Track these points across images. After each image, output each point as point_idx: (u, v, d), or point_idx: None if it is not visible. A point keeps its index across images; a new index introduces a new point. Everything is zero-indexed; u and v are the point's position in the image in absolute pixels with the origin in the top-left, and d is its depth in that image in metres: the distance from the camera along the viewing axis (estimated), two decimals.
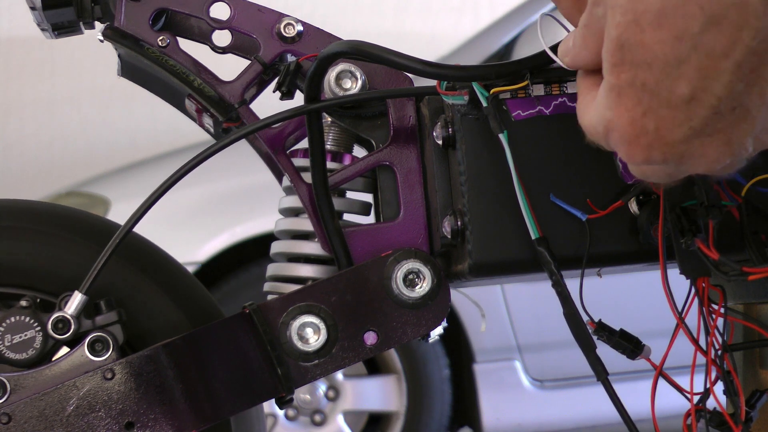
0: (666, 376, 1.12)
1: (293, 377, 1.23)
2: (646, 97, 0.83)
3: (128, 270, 1.31)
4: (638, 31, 0.82)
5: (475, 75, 1.12)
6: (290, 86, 1.25)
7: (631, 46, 0.83)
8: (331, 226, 1.24)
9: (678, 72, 0.82)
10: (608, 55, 0.85)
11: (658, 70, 0.82)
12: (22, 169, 6.40)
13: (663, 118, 0.83)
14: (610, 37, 0.84)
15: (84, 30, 1.37)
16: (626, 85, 0.84)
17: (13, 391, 1.22)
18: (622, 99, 0.84)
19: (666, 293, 1.07)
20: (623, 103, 0.85)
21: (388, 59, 1.14)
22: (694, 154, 0.85)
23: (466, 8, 6.68)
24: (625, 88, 0.84)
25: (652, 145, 0.85)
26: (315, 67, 1.19)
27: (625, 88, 0.84)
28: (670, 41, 0.81)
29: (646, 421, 1.20)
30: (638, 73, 0.83)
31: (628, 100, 0.84)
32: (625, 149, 0.86)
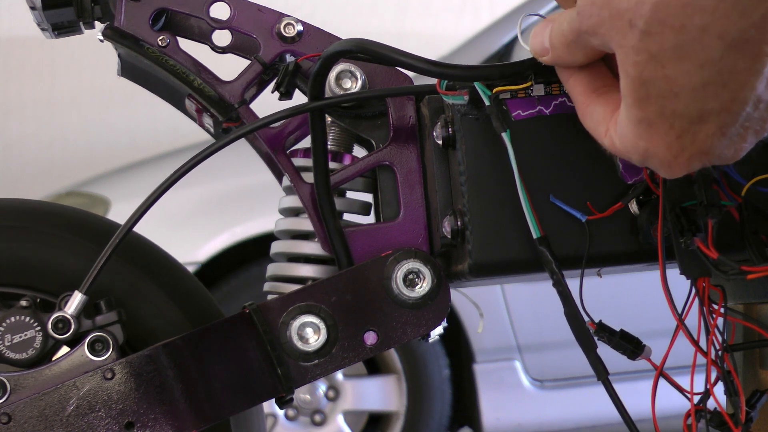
0: (666, 377, 1.12)
1: (293, 377, 1.23)
2: (677, 121, 0.86)
3: (128, 270, 1.31)
4: (659, 67, 0.84)
5: (480, 75, 1.12)
6: (289, 86, 1.25)
7: (655, 81, 0.85)
8: (332, 225, 1.24)
9: (705, 93, 0.84)
10: (631, 91, 0.87)
11: (685, 96, 0.84)
12: (22, 169, 6.40)
13: (698, 133, 0.86)
14: (629, 76, 0.86)
15: (84, 30, 1.37)
16: (655, 116, 0.86)
17: (13, 391, 1.22)
18: (654, 129, 0.87)
19: (665, 294, 1.07)
20: (656, 132, 0.87)
21: (392, 58, 1.14)
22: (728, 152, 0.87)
23: (466, 8, 6.69)
24: (654, 119, 0.86)
25: (691, 159, 0.87)
26: (319, 65, 1.19)
27: (655, 118, 0.86)
28: (694, 70, 0.83)
29: (647, 421, 1.20)
30: (666, 103, 0.85)
31: (661, 129, 0.87)
32: (666, 170, 0.89)
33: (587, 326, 1.12)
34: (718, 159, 0.88)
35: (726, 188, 1.06)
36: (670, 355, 1.11)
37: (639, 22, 0.84)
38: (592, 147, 1.15)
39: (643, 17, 0.84)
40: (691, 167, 0.88)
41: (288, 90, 1.25)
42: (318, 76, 1.20)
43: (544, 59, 0.97)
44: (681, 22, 0.82)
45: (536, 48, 0.98)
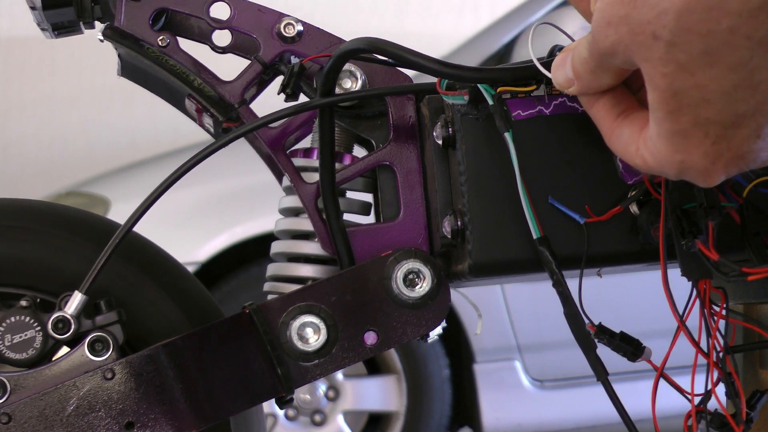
0: (667, 378, 1.12)
1: (293, 377, 1.23)
2: (712, 128, 0.84)
3: (128, 270, 1.31)
4: (688, 76, 0.83)
5: (492, 77, 1.12)
6: (295, 88, 1.25)
7: (686, 91, 0.84)
8: (335, 225, 1.24)
9: (737, 96, 0.83)
10: (662, 104, 0.85)
11: (717, 102, 0.83)
12: (22, 169, 6.40)
13: (733, 138, 0.85)
14: (658, 89, 0.85)
15: (84, 30, 1.37)
16: (690, 126, 0.85)
17: (13, 391, 1.22)
18: (690, 139, 0.86)
19: (667, 295, 1.07)
20: (691, 142, 0.86)
21: (405, 58, 1.14)
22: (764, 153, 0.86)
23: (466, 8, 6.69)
24: (689, 129, 0.85)
25: (729, 164, 0.86)
26: (332, 63, 1.19)
27: (689, 128, 0.85)
28: (724, 74, 0.82)
29: (647, 421, 1.20)
30: (699, 111, 0.84)
31: (696, 138, 0.85)
32: (704, 179, 0.88)
33: (587, 327, 1.11)
34: (754, 162, 0.87)
35: (727, 190, 1.06)
36: (670, 355, 1.11)
37: (663, 33, 0.83)
38: (591, 147, 1.15)
39: (667, 27, 0.83)
40: (728, 173, 0.87)
41: (294, 91, 1.25)
42: (330, 73, 1.20)
43: (571, 90, 0.96)
44: (708, 27, 0.81)
45: (561, 81, 0.96)
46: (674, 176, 0.89)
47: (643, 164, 0.91)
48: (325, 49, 1.30)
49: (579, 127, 1.15)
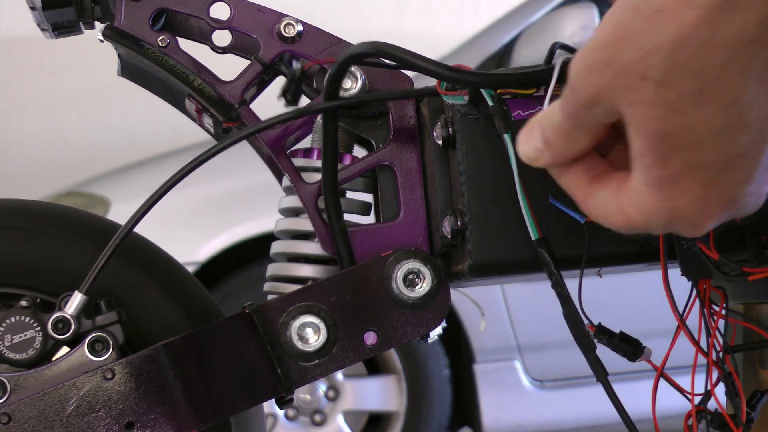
0: (667, 377, 1.12)
1: (293, 377, 1.23)
2: (703, 171, 0.80)
3: (128, 270, 1.31)
4: (679, 116, 0.79)
5: (500, 82, 1.12)
6: (295, 93, 1.25)
7: (677, 133, 0.80)
8: (336, 225, 1.24)
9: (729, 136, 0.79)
10: (650, 150, 0.81)
11: (710, 143, 0.79)
12: (22, 169, 6.40)
13: (724, 183, 0.81)
14: (646, 134, 0.81)
15: (84, 30, 1.37)
16: (681, 171, 0.81)
17: (13, 391, 1.22)
18: (680, 184, 0.81)
19: (667, 294, 1.07)
20: (682, 188, 0.81)
21: (411, 62, 1.14)
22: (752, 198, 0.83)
23: (466, 8, 6.69)
24: (680, 174, 0.81)
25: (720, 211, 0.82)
26: (338, 66, 1.19)
27: (680, 173, 0.81)
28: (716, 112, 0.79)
29: (647, 421, 1.20)
30: (691, 154, 0.80)
31: (687, 183, 0.81)
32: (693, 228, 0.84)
33: (586, 327, 1.12)
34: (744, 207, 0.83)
35: None
36: (670, 355, 1.11)
37: (653, 73, 0.79)
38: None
39: (657, 66, 0.79)
40: (719, 220, 0.83)
41: (294, 97, 1.25)
42: (335, 77, 1.20)
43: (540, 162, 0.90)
44: (700, 63, 0.78)
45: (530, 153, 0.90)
46: (661, 227, 0.84)
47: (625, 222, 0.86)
48: (325, 49, 1.30)
49: None
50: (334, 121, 1.23)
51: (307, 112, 1.24)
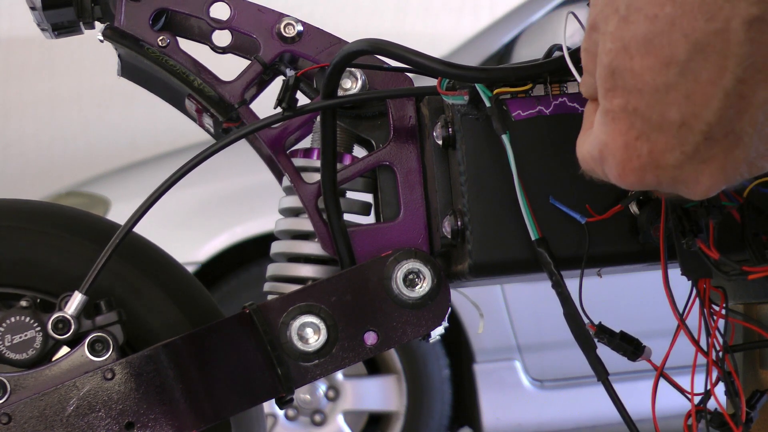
0: (667, 377, 1.12)
1: (293, 377, 1.23)
2: (638, 121, 0.84)
3: (128, 270, 1.31)
4: (628, 58, 0.84)
5: (497, 77, 1.12)
6: (291, 101, 1.25)
7: (622, 73, 0.84)
8: (336, 225, 1.24)
9: (668, 98, 0.83)
10: (601, 81, 0.86)
11: (648, 95, 0.83)
12: (22, 169, 6.40)
13: (655, 143, 0.84)
14: (602, 64, 0.86)
15: (84, 30, 1.37)
16: (619, 110, 0.85)
17: (13, 392, 1.22)
18: (616, 123, 0.86)
19: (667, 294, 1.07)
20: (617, 127, 0.86)
21: (408, 58, 1.14)
22: (688, 180, 0.86)
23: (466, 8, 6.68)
24: (618, 113, 0.85)
25: (645, 168, 0.86)
26: (335, 64, 1.19)
27: (618, 113, 0.85)
28: (658, 68, 0.83)
29: (647, 421, 1.20)
30: (630, 98, 0.84)
31: (622, 125, 0.85)
32: (618, 172, 0.87)
33: (587, 327, 1.12)
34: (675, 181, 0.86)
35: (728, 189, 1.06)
36: (669, 355, 1.11)
37: (621, 7, 0.84)
38: None
39: (625, 2, 0.83)
40: (642, 178, 0.86)
41: (290, 105, 1.25)
42: (333, 75, 1.20)
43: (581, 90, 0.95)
44: (654, 11, 0.82)
45: None
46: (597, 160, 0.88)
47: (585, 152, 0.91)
48: (325, 49, 1.30)
49: (579, 126, 1.15)
50: (332, 121, 1.23)
51: (305, 111, 1.24)
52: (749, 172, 0.85)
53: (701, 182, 0.85)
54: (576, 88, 1.15)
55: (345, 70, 1.23)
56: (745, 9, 0.79)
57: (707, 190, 0.86)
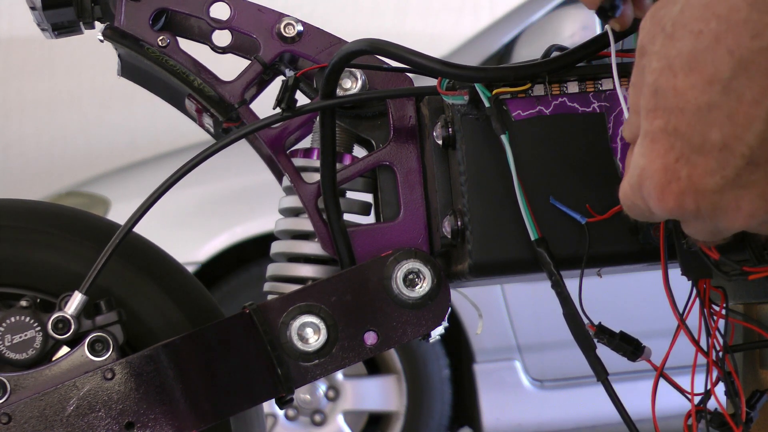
0: (667, 377, 1.12)
1: (293, 377, 1.23)
2: (679, 143, 0.82)
3: (128, 270, 1.31)
4: (671, 76, 0.82)
5: (495, 76, 1.12)
6: (290, 102, 1.25)
7: (664, 92, 0.82)
8: (336, 225, 1.24)
9: (710, 118, 0.81)
10: (644, 101, 0.84)
11: (690, 115, 0.81)
12: (22, 169, 6.40)
13: (695, 165, 0.82)
14: (646, 84, 0.84)
15: (84, 30, 1.37)
16: (659, 131, 0.83)
17: (13, 391, 1.22)
18: (655, 145, 0.83)
19: (667, 294, 1.07)
20: (656, 149, 0.83)
21: (406, 58, 1.14)
22: (728, 207, 0.83)
23: (466, 8, 6.69)
24: (658, 134, 0.83)
25: (684, 192, 0.83)
26: (334, 64, 1.19)
27: (658, 133, 0.83)
28: (701, 86, 0.80)
29: (646, 421, 1.20)
30: (671, 118, 0.82)
31: (661, 146, 0.83)
32: (658, 196, 0.84)
33: (586, 327, 1.12)
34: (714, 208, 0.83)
35: None
36: (669, 355, 1.11)
37: (667, 25, 0.82)
38: (591, 147, 1.15)
39: (671, 20, 0.82)
40: (682, 203, 0.83)
41: (289, 106, 1.25)
42: (332, 74, 1.20)
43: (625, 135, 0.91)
44: (699, 26, 0.80)
45: None
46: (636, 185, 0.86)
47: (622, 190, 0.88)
48: (325, 49, 1.30)
49: (579, 127, 1.15)
50: (331, 121, 1.23)
51: (304, 112, 1.24)
52: None
53: (742, 209, 0.83)
54: (576, 87, 1.15)
55: (344, 70, 1.23)
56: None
57: (747, 219, 0.83)
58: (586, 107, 1.15)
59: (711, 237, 0.88)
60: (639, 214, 0.89)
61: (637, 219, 0.90)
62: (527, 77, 1.13)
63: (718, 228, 0.86)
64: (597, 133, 1.15)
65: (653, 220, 0.90)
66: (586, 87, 1.15)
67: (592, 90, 1.15)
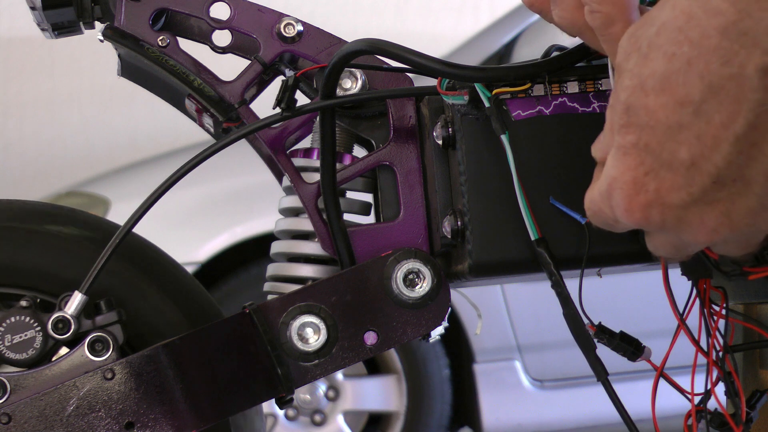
0: (667, 377, 1.12)
1: (293, 377, 1.23)
2: (649, 158, 0.85)
3: (128, 270, 1.31)
4: (643, 95, 0.84)
5: (495, 76, 1.12)
6: (289, 102, 1.25)
7: (636, 109, 0.85)
8: (336, 225, 1.24)
9: (679, 137, 0.83)
10: (616, 117, 0.87)
11: (660, 133, 0.84)
12: (22, 169, 6.40)
13: (663, 180, 0.85)
14: (618, 100, 0.86)
15: (84, 30, 1.37)
16: (630, 146, 0.86)
17: (13, 391, 1.22)
18: (626, 159, 0.86)
19: (667, 294, 1.07)
20: (627, 162, 0.86)
21: (406, 58, 1.14)
22: (692, 222, 0.86)
23: (466, 8, 6.69)
24: (629, 149, 0.86)
25: (651, 204, 0.86)
26: (333, 64, 1.19)
27: (630, 148, 0.86)
28: (672, 106, 0.83)
29: (647, 421, 1.20)
30: (642, 135, 0.85)
31: (632, 160, 0.86)
32: (625, 206, 0.87)
33: (586, 327, 1.11)
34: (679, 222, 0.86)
35: None
36: (669, 355, 1.11)
37: (643, 45, 0.85)
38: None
39: (647, 40, 0.84)
40: (648, 215, 0.86)
41: (289, 106, 1.25)
42: (332, 74, 1.20)
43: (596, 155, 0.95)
44: (672, 49, 0.83)
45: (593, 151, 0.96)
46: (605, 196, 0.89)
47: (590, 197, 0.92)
48: (325, 49, 1.30)
49: (579, 126, 1.15)
50: (331, 121, 1.23)
51: (303, 112, 1.24)
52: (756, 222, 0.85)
53: (705, 224, 0.85)
54: (576, 87, 1.15)
55: (344, 70, 1.23)
56: (760, 57, 0.80)
57: (710, 234, 0.86)
58: (586, 107, 1.15)
59: (674, 252, 0.92)
60: (603, 222, 0.92)
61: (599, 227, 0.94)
62: (527, 77, 1.13)
63: (682, 242, 0.89)
64: (597, 133, 1.15)
65: (615, 230, 0.93)
66: (586, 87, 1.15)
67: (592, 90, 1.15)
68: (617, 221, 0.90)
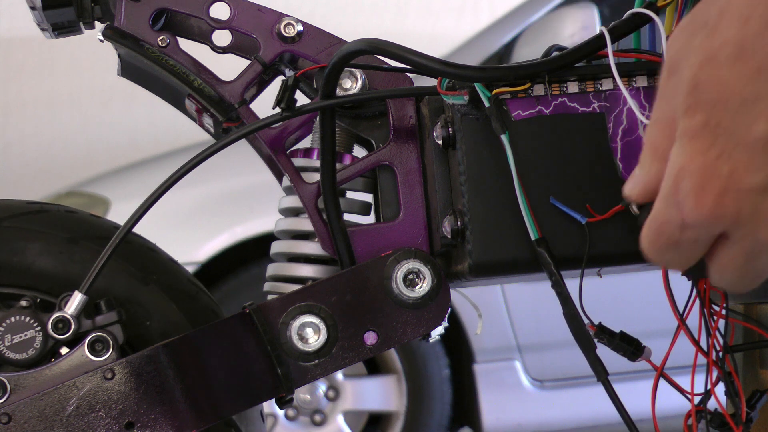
0: (667, 377, 1.12)
1: (293, 377, 1.23)
2: (721, 138, 0.76)
3: (128, 270, 1.31)
4: (715, 67, 0.76)
5: (495, 76, 1.12)
6: (289, 102, 1.25)
7: (706, 85, 0.77)
8: (336, 225, 1.24)
9: (756, 110, 0.75)
10: (681, 99, 0.78)
11: (734, 107, 0.76)
12: (22, 169, 6.40)
13: (738, 161, 0.76)
14: (684, 81, 0.78)
15: (84, 30, 1.37)
16: (700, 127, 0.77)
17: (13, 391, 1.22)
18: (695, 142, 0.77)
19: (667, 294, 1.07)
20: (696, 146, 0.77)
21: (406, 58, 1.14)
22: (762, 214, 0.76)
23: (466, 8, 6.69)
24: (698, 130, 0.77)
25: (724, 191, 0.76)
26: (333, 64, 1.19)
27: (699, 130, 0.77)
28: (748, 75, 0.75)
29: (647, 421, 1.20)
30: (713, 112, 0.76)
31: (702, 143, 0.77)
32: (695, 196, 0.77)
33: (586, 327, 1.12)
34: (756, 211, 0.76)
35: None
36: (669, 355, 1.11)
37: (710, 19, 0.77)
38: (591, 146, 1.15)
39: (714, 14, 0.77)
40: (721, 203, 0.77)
41: (289, 106, 1.25)
42: (332, 74, 1.20)
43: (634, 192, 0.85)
44: (747, 12, 0.75)
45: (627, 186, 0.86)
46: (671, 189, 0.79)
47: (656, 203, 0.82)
48: (325, 49, 1.30)
49: (579, 126, 1.15)
50: (331, 121, 1.23)
51: (303, 112, 1.24)
52: None
53: None
54: (576, 87, 1.15)
55: (344, 70, 1.23)
56: None
57: None
58: (586, 107, 1.15)
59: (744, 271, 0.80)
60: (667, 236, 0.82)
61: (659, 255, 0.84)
62: (527, 77, 1.13)
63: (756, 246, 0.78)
64: (597, 133, 1.15)
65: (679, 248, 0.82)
66: (586, 87, 1.15)
67: (592, 90, 1.15)
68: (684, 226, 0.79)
